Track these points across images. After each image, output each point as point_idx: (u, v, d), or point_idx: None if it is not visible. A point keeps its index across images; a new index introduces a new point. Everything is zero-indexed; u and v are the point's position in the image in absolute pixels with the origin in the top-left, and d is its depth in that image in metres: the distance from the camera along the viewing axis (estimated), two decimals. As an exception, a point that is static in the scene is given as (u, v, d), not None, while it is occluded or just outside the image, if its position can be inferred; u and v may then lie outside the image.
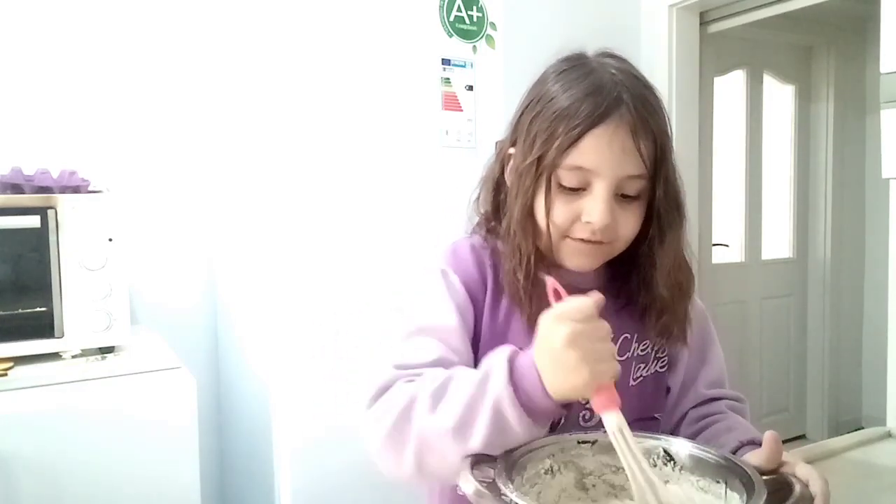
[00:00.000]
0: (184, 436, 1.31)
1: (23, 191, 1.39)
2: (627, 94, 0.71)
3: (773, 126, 3.33)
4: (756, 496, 0.55)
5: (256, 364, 1.65)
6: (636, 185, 0.73)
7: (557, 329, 0.58)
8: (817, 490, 0.60)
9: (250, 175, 1.65)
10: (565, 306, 0.60)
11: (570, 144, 0.71)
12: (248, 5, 1.63)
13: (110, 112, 1.85)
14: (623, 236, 0.75)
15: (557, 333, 0.58)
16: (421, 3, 1.62)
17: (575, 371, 0.58)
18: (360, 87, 1.55)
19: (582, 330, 0.58)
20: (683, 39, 2.63)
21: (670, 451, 0.66)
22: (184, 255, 1.97)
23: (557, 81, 0.75)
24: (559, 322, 0.59)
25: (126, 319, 1.42)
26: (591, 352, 0.58)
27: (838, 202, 3.41)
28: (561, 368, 0.59)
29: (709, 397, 0.86)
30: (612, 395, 0.59)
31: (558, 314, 0.59)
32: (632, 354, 0.82)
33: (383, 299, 1.57)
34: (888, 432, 1.15)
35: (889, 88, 1.54)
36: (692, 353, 0.87)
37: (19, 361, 1.32)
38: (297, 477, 1.52)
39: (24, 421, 1.19)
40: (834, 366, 3.45)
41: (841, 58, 3.36)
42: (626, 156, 0.71)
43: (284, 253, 1.51)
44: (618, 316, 0.81)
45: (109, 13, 1.84)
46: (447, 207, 1.09)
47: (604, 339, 0.59)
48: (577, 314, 0.58)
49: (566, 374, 0.58)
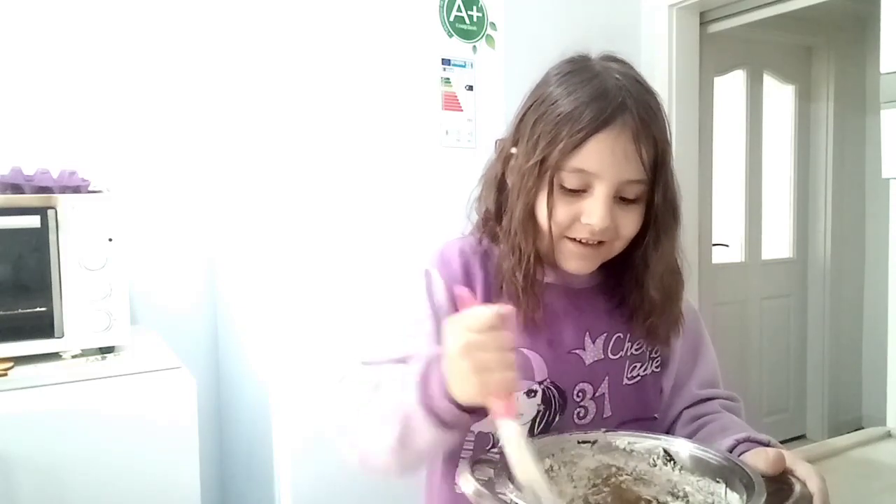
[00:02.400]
0: (184, 436, 1.31)
1: (23, 191, 1.39)
2: (631, 100, 0.72)
3: (773, 126, 3.33)
4: (756, 496, 0.55)
5: (256, 364, 1.65)
6: (636, 189, 0.74)
7: (452, 338, 0.60)
8: (815, 489, 0.61)
9: (251, 175, 1.65)
10: (466, 315, 0.61)
11: (574, 148, 0.72)
12: (247, 5, 1.63)
13: (110, 112, 1.85)
14: (622, 237, 0.76)
15: (452, 343, 0.60)
16: (421, 3, 1.62)
17: (466, 380, 0.60)
18: (360, 88, 1.55)
19: (476, 340, 0.59)
20: (683, 39, 2.63)
21: (670, 451, 0.67)
22: (184, 255, 1.97)
23: (561, 84, 0.75)
24: (455, 331, 0.60)
25: (126, 319, 1.42)
26: (481, 362, 0.59)
27: (838, 202, 3.41)
28: (455, 376, 0.61)
29: (702, 397, 0.87)
30: (510, 404, 0.60)
31: (458, 323, 0.61)
32: (625, 354, 0.83)
33: (383, 299, 1.57)
34: (888, 432, 1.15)
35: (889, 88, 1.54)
36: (684, 354, 0.88)
37: (19, 361, 1.32)
38: (297, 477, 1.52)
39: (24, 421, 1.19)
40: (834, 366, 3.45)
41: (841, 58, 3.36)
42: (627, 161, 0.72)
43: (285, 253, 1.51)
44: (610, 315, 0.83)
45: (109, 13, 1.84)
46: (447, 207, 1.09)
47: (499, 349, 0.59)
48: (475, 324, 0.60)
49: (460, 382, 0.61)
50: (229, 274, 1.86)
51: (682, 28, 2.62)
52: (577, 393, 0.79)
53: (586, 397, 0.80)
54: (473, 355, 0.59)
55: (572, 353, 0.80)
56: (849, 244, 3.46)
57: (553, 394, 0.78)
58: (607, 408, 0.81)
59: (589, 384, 0.80)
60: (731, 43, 2.98)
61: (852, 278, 3.49)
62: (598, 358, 0.81)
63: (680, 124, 2.61)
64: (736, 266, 3.23)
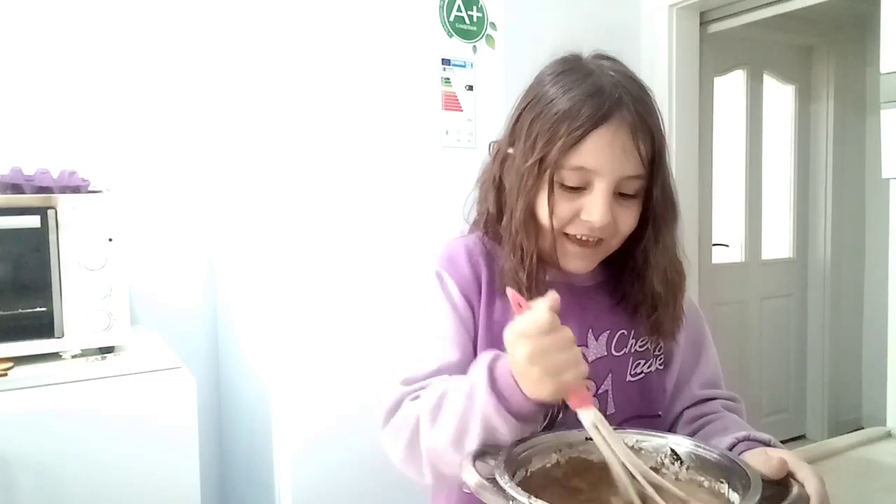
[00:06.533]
0: (184, 436, 1.31)
1: (23, 191, 1.39)
2: (627, 96, 0.73)
3: (773, 126, 3.33)
4: (750, 495, 0.55)
5: (256, 364, 1.65)
6: (635, 184, 0.75)
7: (518, 348, 0.61)
8: (812, 491, 0.61)
9: (250, 175, 1.65)
10: (524, 323, 0.62)
11: (573, 145, 0.72)
12: (247, 5, 1.63)
13: (110, 112, 1.85)
14: (620, 233, 0.77)
15: (518, 352, 0.61)
16: (421, 3, 1.62)
17: (540, 384, 0.61)
18: (360, 88, 1.55)
19: (540, 345, 0.60)
20: (683, 39, 2.63)
21: (678, 450, 0.67)
22: (184, 255, 1.97)
23: (556, 83, 0.76)
24: (519, 340, 0.61)
25: (126, 319, 1.42)
26: (552, 366, 0.60)
27: (838, 202, 3.41)
28: (528, 381, 0.62)
29: (703, 397, 0.87)
30: (585, 395, 0.62)
31: (518, 331, 0.62)
32: (629, 350, 0.83)
33: (383, 299, 1.57)
34: (888, 432, 1.15)
35: (889, 88, 1.54)
36: (686, 352, 0.88)
37: (19, 361, 1.32)
38: (297, 477, 1.52)
39: (24, 421, 1.19)
40: (834, 366, 3.45)
41: (841, 58, 3.36)
42: (626, 156, 0.72)
43: (284, 253, 1.51)
44: (613, 312, 0.83)
45: (109, 13, 1.84)
46: (447, 207, 1.09)
47: (564, 348, 0.61)
48: (535, 330, 0.60)
49: (534, 386, 0.62)
50: (229, 274, 1.86)
51: (682, 28, 2.62)
52: None
53: None
54: (543, 361, 0.60)
55: None
56: (849, 244, 3.46)
57: None
58: (611, 405, 0.81)
59: (591, 381, 0.80)
60: (731, 43, 2.98)
61: (852, 278, 3.49)
62: (601, 355, 0.81)
63: (680, 124, 2.61)
64: (736, 266, 3.23)
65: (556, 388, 0.61)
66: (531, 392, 0.62)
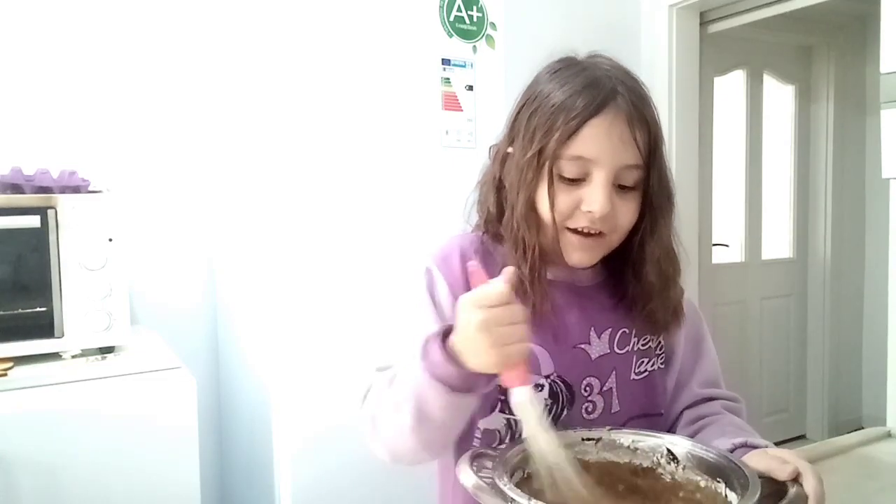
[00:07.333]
0: (184, 436, 1.31)
1: (23, 191, 1.39)
2: (622, 86, 0.74)
3: (773, 126, 3.33)
4: (749, 495, 0.55)
5: (256, 364, 1.65)
6: (633, 175, 0.75)
7: (470, 315, 0.62)
8: (810, 490, 0.61)
9: (250, 175, 1.65)
10: (480, 292, 0.63)
11: (570, 135, 0.73)
12: (247, 5, 1.63)
13: (110, 112, 1.85)
14: (621, 226, 0.77)
15: (470, 319, 0.62)
16: (421, 3, 1.62)
17: (485, 353, 0.62)
18: (360, 88, 1.55)
19: (492, 315, 0.61)
20: (683, 39, 2.63)
21: (674, 450, 0.67)
22: (184, 255, 1.97)
23: (552, 80, 0.77)
24: (472, 308, 0.62)
25: (126, 319, 1.42)
26: (500, 336, 0.61)
27: (838, 202, 3.41)
28: (473, 350, 0.63)
29: (703, 397, 0.87)
30: (521, 373, 0.63)
31: (473, 300, 0.63)
32: (632, 348, 0.83)
33: (383, 299, 1.57)
34: (888, 432, 1.15)
35: (889, 88, 1.54)
36: (686, 352, 0.88)
37: (19, 361, 1.32)
38: (297, 477, 1.52)
39: (24, 421, 1.19)
40: (834, 366, 3.45)
41: (841, 58, 3.36)
42: (624, 145, 0.73)
43: (284, 253, 1.51)
44: (614, 311, 0.83)
45: (109, 13, 1.84)
46: (447, 207, 1.09)
47: (514, 322, 0.62)
48: (490, 300, 0.62)
49: (478, 356, 0.63)
50: (229, 274, 1.86)
51: (682, 28, 2.62)
52: (585, 387, 0.80)
53: (594, 392, 0.80)
54: (491, 330, 0.61)
55: (578, 347, 0.81)
56: (849, 244, 3.46)
57: (560, 388, 0.79)
58: (615, 403, 0.82)
59: (596, 379, 0.81)
60: (731, 43, 2.98)
61: (852, 278, 3.49)
62: (604, 352, 0.82)
63: (680, 124, 2.61)
64: (736, 266, 3.23)
65: (499, 359, 0.62)
66: (473, 361, 0.63)
